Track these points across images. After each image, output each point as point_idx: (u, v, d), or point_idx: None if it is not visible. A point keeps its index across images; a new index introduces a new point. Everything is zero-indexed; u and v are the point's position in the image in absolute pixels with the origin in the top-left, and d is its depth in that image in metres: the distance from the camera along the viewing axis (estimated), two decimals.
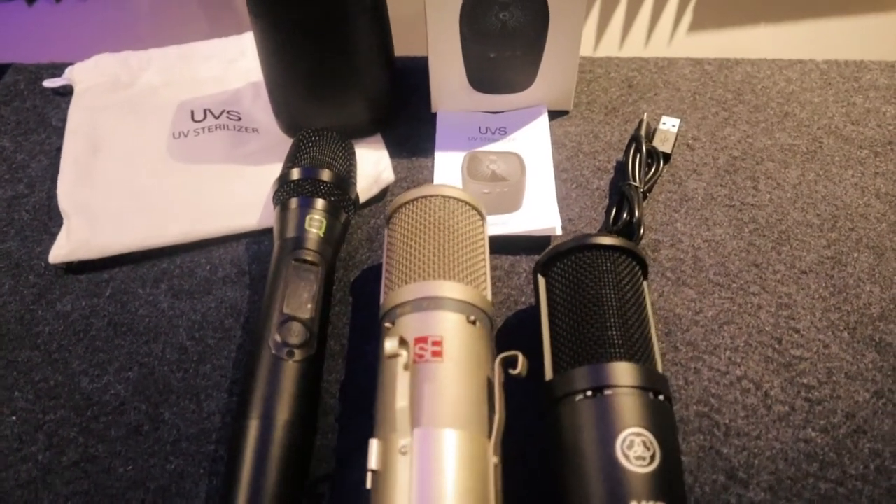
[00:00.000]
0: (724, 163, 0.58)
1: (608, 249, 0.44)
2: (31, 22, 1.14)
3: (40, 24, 1.14)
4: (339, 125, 0.59)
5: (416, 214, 0.46)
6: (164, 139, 0.60)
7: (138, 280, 0.53)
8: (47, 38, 1.14)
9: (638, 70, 0.66)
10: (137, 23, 1.17)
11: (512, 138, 0.60)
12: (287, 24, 0.52)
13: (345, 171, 0.52)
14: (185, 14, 1.16)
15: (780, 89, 0.64)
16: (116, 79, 0.65)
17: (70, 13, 1.15)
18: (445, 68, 0.58)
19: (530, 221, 0.53)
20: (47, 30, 1.14)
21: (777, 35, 1.33)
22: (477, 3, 0.54)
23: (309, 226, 0.48)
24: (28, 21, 1.14)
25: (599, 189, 0.57)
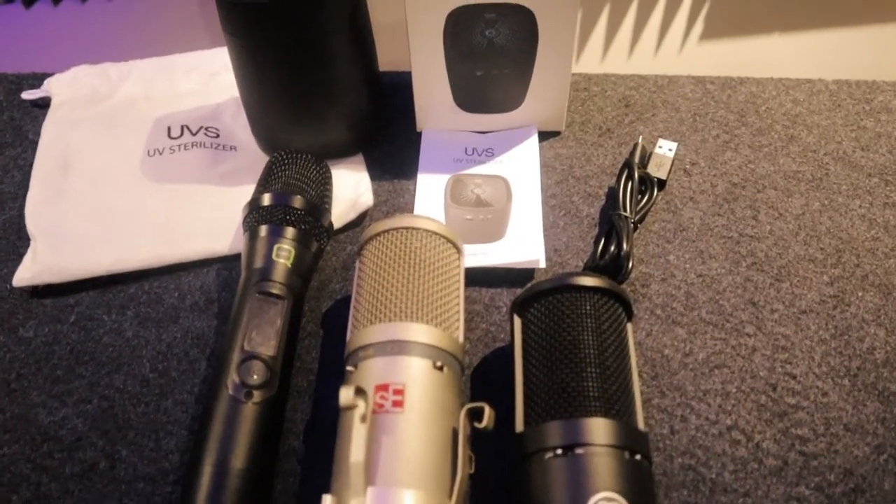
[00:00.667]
0: (723, 190, 0.55)
1: (589, 291, 0.41)
2: (28, 25, 1.12)
3: (38, 27, 1.13)
4: (318, 145, 0.56)
5: (388, 247, 0.44)
6: (138, 157, 0.58)
7: (104, 306, 0.51)
8: (44, 42, 1.13)
9: (636, 88, 0.63)
10: (137, 28, 1.15)
11: (499, 160, 0.57)
12: (262, 42, 0.49)
13: (318, 198, 0.49)
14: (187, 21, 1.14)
15: (785, 111, 0.61)
16: (95, 91, 0.63)
17: (69, 17, 1.13)
18: (430, 87, 0.56)
19: (513, 253, 0.50)
20: (44, 33, 1.13)
21: (785, 52, 1.28)
22: (461, 20, 0.51)
23: (276, 256, 0.46)
24: (26, 25, 1.12)
25: (589, 217, 0.54)
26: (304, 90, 0.52)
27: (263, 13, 0.48)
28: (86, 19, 1.13)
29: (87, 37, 1.14)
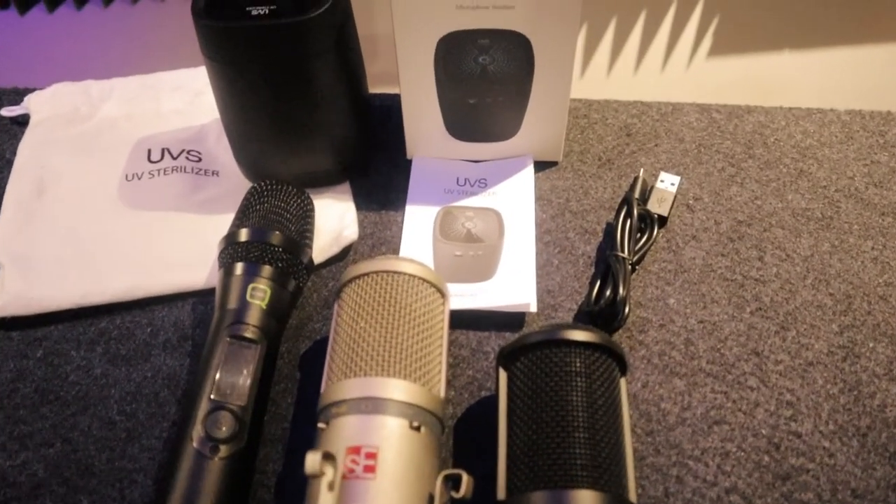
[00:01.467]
0: (727, 228, 0.52)
1: (581, 346, 0.38)
2: (22, 33, 1.10)
3: (32, 35, 1.11)
4: (303, 172, 0.54)
5: (367, 292, 0.41)
6: (115, 181, 0.55)
7: (73, 340, 0.49)
8: (38, 50, 1.11)
9: (638, 116, 0.60)
10: (134, 37, 1.13)
11: (492, 192, 0.54)
12: (243, 66, 0.47)
13: (298, 233, 0.47)
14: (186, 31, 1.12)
15: (795, 143, 0.58)
16: (75, 109, 0.60)
17: (64, 23, 1.11)
18: (420, 114, 0.53)
19: (503, 295, 0.47)
20: (38, 42, 1.11)
21: (794, 78, 1.25)
22: (453, 46, 0.48)
23: (251, 297, 0.43)
24: (20, 32, 1.10)
25: (585, 255, 0.51)
26: (288, 116, 0.50)
27: (245, 36, 0.45)
28: (82, 26, 1.11)
29: (80, 48, 1.12)
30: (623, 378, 0.40)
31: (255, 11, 0.45)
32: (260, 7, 0.46)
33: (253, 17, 0.45)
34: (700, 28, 1.20)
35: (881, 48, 1.24)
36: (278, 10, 0.45)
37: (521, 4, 0.46)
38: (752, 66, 1.25)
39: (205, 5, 0.46)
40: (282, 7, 0.46)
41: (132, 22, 1.10)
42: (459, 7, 0.46)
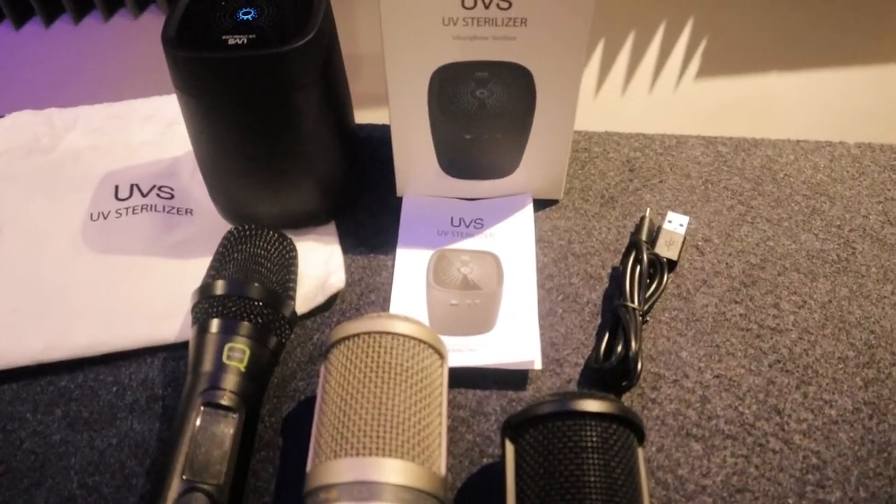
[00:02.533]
0: (739, 272, 0.49)
1: (596, 418, 0.35)
2: (17, 47, 1.04)
3: (28, 50, 1.05)
4: (284, 213, 0.49)
5: (357, 355, 0.37)
6: (79, 221, 0.51)
7: (29, 401, 0.44)
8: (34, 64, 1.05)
9: (641, 150, 0.57)
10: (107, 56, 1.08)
11: (489, 233, 0.50)
12: (220, 100, 0.43)
13: (280, 284, 0.43)
14: None
15: (805, 178, 0.55)
16: (36, 140, 0.56)
17: (62, 39, 1.05)
18: (412, 151, 0.49)
19: (504, 351, 0.44)
20: (34, 56, 1.05)
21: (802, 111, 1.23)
22: (448, 79, 0.45)
23: (228, 358, 0.39)
24: (14, 47, 1.04)
25: (591, 303, 0.48)
26: (268, 153, 0.46)
27: (222, 68, 0.41)
28: (79, 43, 1.06)
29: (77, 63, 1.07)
30: (641, 448, 0.37)
31: (232, 41, 0.41)
32: (238, 36, 0.42)
33: (230, 46, 0.41)
34: (688, 50, 1.18)
35: (874, 69, 1.24)
36: (258, 39, 0.42)
37: (524, 35, 0.42)
38: (741, 88, 1.24)
39: (176, 33, 0.42)
40: (262, 36, 0.42)
41: (130, 38, 1.04)
42: (456, 38, 0.43)
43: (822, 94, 1.25)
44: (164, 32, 0.42)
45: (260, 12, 0.43)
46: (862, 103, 1.26)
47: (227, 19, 0.43)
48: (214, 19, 0.43)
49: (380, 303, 0.48)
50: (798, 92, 1.25)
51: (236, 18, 0.43)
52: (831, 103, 1.27)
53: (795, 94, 1.25)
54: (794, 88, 1.25)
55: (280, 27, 0.42)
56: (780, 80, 1.23)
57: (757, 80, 1.23)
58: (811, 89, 1.25)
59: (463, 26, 0.42)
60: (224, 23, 0.43)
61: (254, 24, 0.43)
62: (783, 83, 1.24)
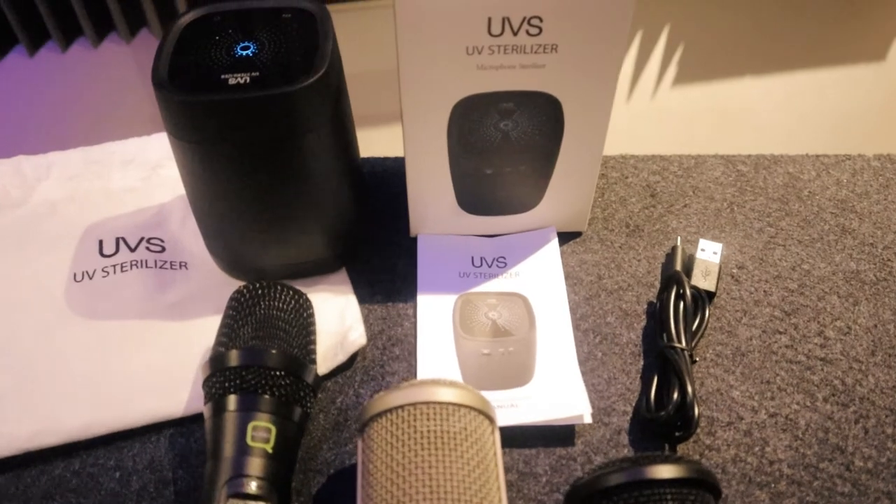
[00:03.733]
0: (779, 299, 0.47)
1: (676, 484, 0.32)
2: (34, 74, 0.97)
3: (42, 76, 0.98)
4: (291, 263, 0.45)
5: (402, 430, 0.33)
6: (61, 283, 0.46)
7: (19, 496, 0.39)
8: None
9: (660, 173, 0.54)
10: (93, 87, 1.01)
11: (515, 272, 0.47)
12: (221, 146, 0.39)
13: (301, 348, 0.39)
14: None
15: (830, 195, 0.53)
16: (5, 194, 0.51)
17: (17, 73, 0.98)
18: (428, 188, 0.46)
19: (550, 406, 0.40)
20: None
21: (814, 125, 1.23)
22: (470, 111, 0.41)
23: (252, 440, 0.35)
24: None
25: (631, 343, 0.44)
26: (273, 200, 0.42)
27: (224, 111, 0.37)
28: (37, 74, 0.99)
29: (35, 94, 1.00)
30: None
31: (233, 80, 0.37)
32: (239, 74, 0.38)
33: (231, 87, 0.37)
34: (665, 57, 1.17)
35: (856, 69, 1.24)
36: (261, 77, 0.38)
37: (555, 62, 0.39)
38: (716, 95, 1.23)
39: (168, 73, 0.38)
40: (265, 74, 0.38)
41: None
42: (481, 68, 0.39)
43: (796, 99, 1.26)
44: (155, 74, 0.38)
45: (260, 47, 0.39)
46: (833, 107, 1.27)
47: (223, 55, 0.39)
48: (210, 56, 0.39)
49: (405, 357, 0.44)
50: (772, 99, 1.25)
51: (234, 54, 0.39)
52: (804, 109, 1.27)
53: (771, 101, 1.26)
54: (770, 95, 1.25)
55: (284, 63, 0.38)
56: (757, 87, 1.23)
57: (733, 88, 1.22)
58: (784, 96, 1.25)
59: (488, 55, 0.39)
60: (221, 59, 0.39)
61: (255, 60, 0.39)
62: (761, 90, 1.24)
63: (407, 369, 0.43)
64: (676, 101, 1.19)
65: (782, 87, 1.24)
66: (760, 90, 1.24)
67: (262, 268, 0.46)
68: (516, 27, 0.37)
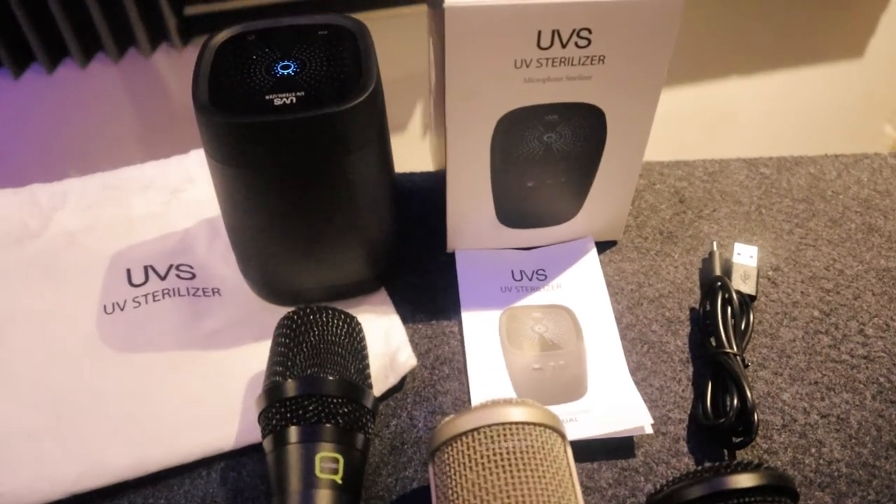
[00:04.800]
0: (816, 300, 0.47)
1: (755, 493, 0.31)
2: (19, 97, 0.93)
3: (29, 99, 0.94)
4: (329, 286, 0.44)
5: (479, 454, 0.32)
6: (91, 316, 0.44)
7: None
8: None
9: (686, 178, 0.54)
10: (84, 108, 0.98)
11: (555, 284, 0.47)
12: (265, 169, 0.38)
13: (358, 373, 0.38)
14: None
15: (853, 194, 0.54)
16: (22, 225, 0.48)
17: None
18: (468, 203, 0.45)
19: (611, 419, 0.40)
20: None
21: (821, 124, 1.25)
22: (515, 125, 0.41)
23: (321, 471, 0.34)
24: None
25: (678, 351, 0.44)
26: (317, 221, 0.41)
27: (270, 133, 0.36)
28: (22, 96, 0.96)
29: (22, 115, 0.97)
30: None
31: (279, 101, 0.36)
32: (284, 95, 0.37)
33: (278, 108, 0.36)
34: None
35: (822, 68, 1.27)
36: (307, 97, 0.37)
37: (601, 73, 0.39)
38: (701, 93, 1.25)
39: (210, 96, 0.37)
40: (311, 93, 0.37)
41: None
42: (528, 81, 0.39)
43: (777, 100, 1.28)
44: (196, 97, 0.37)
45: (301, 66, 0.38)
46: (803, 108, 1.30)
47: (264, 75, 0.38)
48: (250, 76, 0.38)
49: (455, 375, 0.43)
50: (753, 100, 1.28)
51: (275, 74, 0.38)
52: (786, 109, 1.30)
53: (753, 102, 1.28)
54: (752, 97, 1.28)
55: (328, 82, 0.37)
56: (737, 88, 1.25)
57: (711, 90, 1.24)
58: (767, 97, 1.28)
59: (536, 68, 0.38)
60: (262, 80, 0.38)
61: (297, 79, 0.38)
62: (741, 90, 1.26)
63: (459, 388, 0.42)
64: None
65: (762, 88, 1.26)
66: (742, 92, 1.26)
67: (300, 291, 0.45)
68: (566, 40, 0.37)
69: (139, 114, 0.98)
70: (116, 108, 0.97)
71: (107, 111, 0.97)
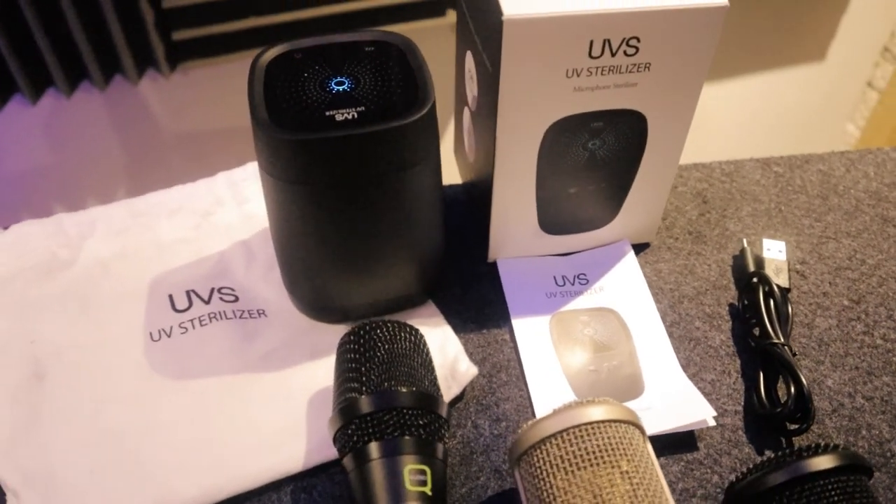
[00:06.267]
0: (844, 289, 0.49)
1: (834, 473, 0.33)
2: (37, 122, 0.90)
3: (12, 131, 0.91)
4: (377, 301, 0.44)
5: (571, 454, 0.33)
6: (138, 345, 0.43)
7: None
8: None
9: (706, 180, 0.56)
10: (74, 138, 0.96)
11: (598, 288, 0.48)
12: (324, 185, 0.38)
13: (430, 383, 0.38)
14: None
15: (863, 187, 0.56)
16: (51, 256, 0.47)
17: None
18: (512, 212, 0.46)
19: (674, 414, 0.41)
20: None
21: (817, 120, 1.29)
22: (563, 133, 0.42)
23: (410, 484, 0.34)
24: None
25: (724, 345, 0.46)
26: (373, 238, 0.41)
27: (332, 149, 0.36)
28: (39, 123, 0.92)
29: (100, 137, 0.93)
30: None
31: (340, 116, 0.36)
32: (344, 111, 0.37)
33: (340, 123, 0.36)
34: None
35: (793, 71, 1.32)
36: (368, 112, 0.37)
37: (646, 80, 0.40)
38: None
39: (269, 113, 0.37)
40: (371, 108, 0.37)
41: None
42: (577, 89, 0.40)
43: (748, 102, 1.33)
44: (255, 115, 0.37)
45: (355, 82, 0.39)
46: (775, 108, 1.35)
47: (319, 92, 0.38)
48: (306, 93, 0.38)
49: (513, 382, 0.43)
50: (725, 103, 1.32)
51: (329, 90, 0.38)
52: (755, 111, 1.35)
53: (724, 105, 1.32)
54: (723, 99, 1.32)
55: (385, 96, 0.38)
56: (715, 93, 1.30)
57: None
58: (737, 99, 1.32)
59: (586, 77, 0.39)
60: (318, 96, 0.38)
61: (354, 95, 0.38)
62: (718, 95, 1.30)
63: (519, 395, 0.43)
64: None
65: (728, 92, 1.31)
66: (710, 96, 1.30)
67: (349, 308, 0.44)
68: (615, 48, 0.38)
69: (127, 142, 0.97)
70: (103, 137, 0.95)
71: (95, 140, 0.95)
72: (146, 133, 0.98)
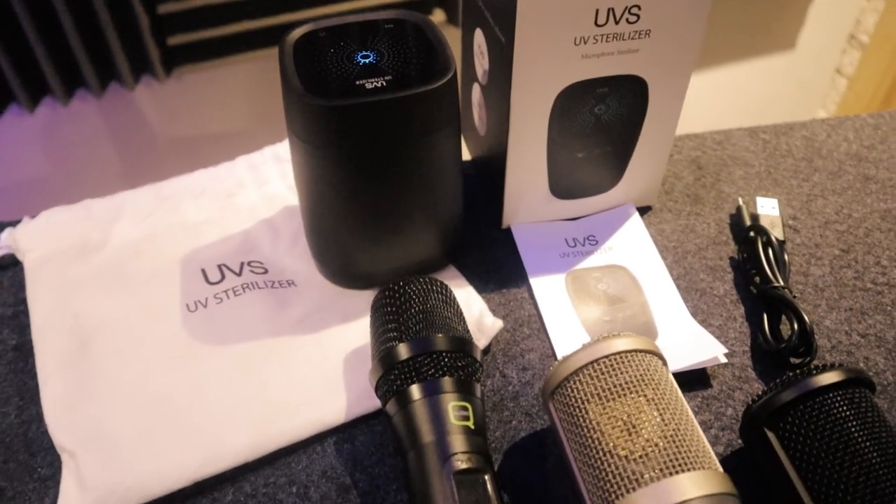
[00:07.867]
0: (834, 240, 0.53)
1: (840, 387, 0.36)
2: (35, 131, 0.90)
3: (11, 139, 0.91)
4: (401, 266, 0.47)
5: (601, 383, 0.35)
6: (176, 316, 0.45)
7: None
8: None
9: (699, 148, 0.60)
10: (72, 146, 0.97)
11: (608, 247, 0.50)
12: (354, 150, 0.40)
13: (464, 329, 0.40)
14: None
15: (845, 150, 0.60)
16: (84, 238, 0.49)
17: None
18: (525, 178, 0.49)
19: (688, 353, 0.44)
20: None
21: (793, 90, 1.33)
22: (571, 99, 0.45)
23: (455, 419, 0.36)
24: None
25: (729, 295, 0.49)
26: (398, 203, 0.43)
27: (363, 114, 0.39)
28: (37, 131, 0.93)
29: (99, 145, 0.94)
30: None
31: (370, 84, 0.39)
32: (372, 80, 0.39)
33: (371, 90, 0.39)
34: None
35: (765, 60, 1.38)
36: (395, 80, 0.40)
37: (646, 46, 0.43)
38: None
39: (303, 84, 0.39)
40: (398, 77, 0.40)
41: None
42: (585, 56, 0.43)
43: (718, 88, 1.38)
44: (289, 86, 0.39)
45: (379, 56, 0.41)
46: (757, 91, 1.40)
47: (348, 64, 0.41)
48: (335, 66, 0.40)
49: (535, 334, 0.46)
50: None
51: (356, 63, 0.41)
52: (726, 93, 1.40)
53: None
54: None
55: (409, 66, 0.40)
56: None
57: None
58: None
59: (592, 44, 0.42)
60: (348, 68, 0.40)
61: (380, 66, 0.41)
62: None
63: (541, 346, 0.45)
64: None
65: (702, 80, 1.35)
66: None
67: (374, 273, 0.47)
68: (619, 16, 0.42)
69: (125, 147, 0.98)
70: (101, 143, 0.96)
71: (93, 147, 0.96)
72: (143, 138, 0.99)
